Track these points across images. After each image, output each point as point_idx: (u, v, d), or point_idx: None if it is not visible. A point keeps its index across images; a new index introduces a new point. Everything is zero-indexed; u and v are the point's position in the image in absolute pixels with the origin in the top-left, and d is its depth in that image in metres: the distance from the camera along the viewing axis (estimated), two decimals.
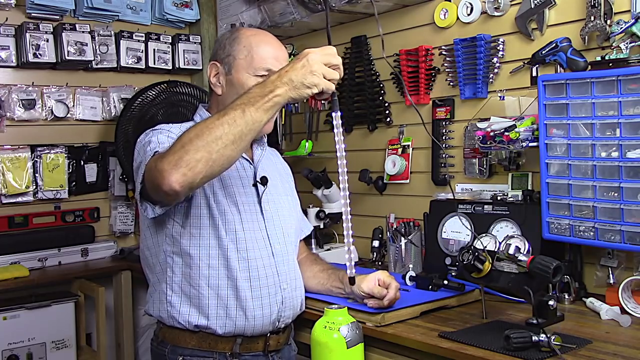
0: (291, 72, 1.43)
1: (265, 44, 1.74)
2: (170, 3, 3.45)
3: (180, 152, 1.38)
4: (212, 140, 1.38)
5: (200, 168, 1.37)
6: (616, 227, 1.82)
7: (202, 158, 1.37)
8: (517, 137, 2.06)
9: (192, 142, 1.38)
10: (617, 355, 1.47)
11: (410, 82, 2.62)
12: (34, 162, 3.06)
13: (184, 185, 1.38)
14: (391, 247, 2.47)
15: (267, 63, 1.70)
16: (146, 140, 1.63)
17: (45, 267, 2.97)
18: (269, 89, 1.42)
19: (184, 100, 3.24)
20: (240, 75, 1.71)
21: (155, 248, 1.71)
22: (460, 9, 2.44)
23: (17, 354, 2.70)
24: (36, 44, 3.00)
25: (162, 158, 1.40)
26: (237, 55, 1.72)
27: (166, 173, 1.37)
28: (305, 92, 1.44)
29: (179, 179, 1.36)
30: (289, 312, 1.75)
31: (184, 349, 1.67)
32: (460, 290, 1.96)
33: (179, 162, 1.36)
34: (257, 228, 1.71)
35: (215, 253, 1.65)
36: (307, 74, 1.43)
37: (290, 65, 1.45)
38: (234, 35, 1.77)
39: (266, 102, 1.42)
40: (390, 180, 2.72)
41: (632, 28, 1.88)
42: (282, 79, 1.43)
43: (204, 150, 1.37)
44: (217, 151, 1.38)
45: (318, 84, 1.44)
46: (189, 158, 1.37)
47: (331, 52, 1.48)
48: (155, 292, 1.73)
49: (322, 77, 1.44)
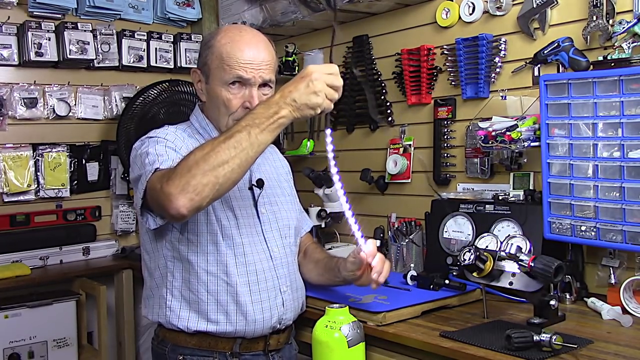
0: (295, 93, 1.43)
1: (237, 51, 1.66)
2: (172, 2, 3.45)
3: (187, 176, 1.38)
4: (218, 165, 1.38)
5: (207, 192, 1.39)
6: (618, 227, 1.82)
7: (209, 183, 1.38)
8: (519, 136, 2.06)
9: (199, 166, 1.38)
10: (619, 356, 1.47)
11: (412, 81, 2.62)
12: (36, 160, 3.06)
13: (191, 209, 1.40)
14: (392, 247, 2.47)
15: (237, 71, 1.64)
16: (143, 150, 1.61)
17: (46, 265, 2.98)
18: (273, 110, 1.42)
19: (185, 99, 3.24)
20: (215, 86, 1.69)
21: (155, 253, 1.70)
22: (462, 8, 2.44)
23: (18, 353, 2.71)
24: (38, 42, 3.00)
25: (169, 180, 1.40)
26: (211, 65, 1.69)
27: (173, 197, 1.38)
28: (309, 113, 1.45)
29: (186, 203, 1.38)
30: (290, 314, 1.75)
31: (184, 349, 1.67)
32: (461, 290, 1.96)
33: (186, 187, 1.38)
34: (254, 232, 1.71)
35: (213, 259, 1.64)
36: (310, 95, 1.43)
37: (294, 85, 1.44)
38: (210, 42, 1.72)
39: (271, 124, 1.42)
40: (391, 180, 2.72)
41: (635, 28, 1.88)
42: (286, 100, 1.43)
43: (211, 174, 1.38)
44: (223, 175, 1.39)
45: (321, 104, 1.44)
46: (196, 183, 1.38)
47: (334, 71, 1.47)
48: (153, 296, 1.72)
49: (324, 97, 1.44)
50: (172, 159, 1.54)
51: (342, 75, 1.84)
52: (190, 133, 1.75)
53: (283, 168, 1.97)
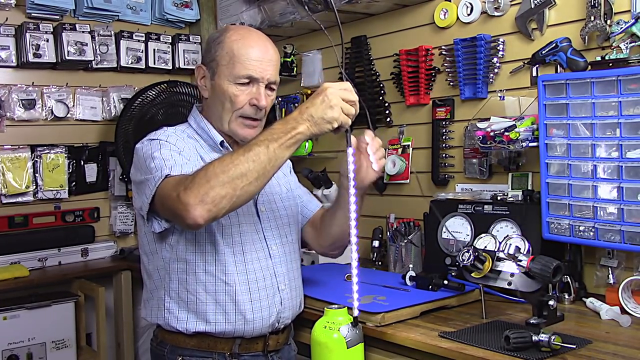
0: (311, 109, 1.46)
1: (248, 48, 1.68)
2: (170, 3, 3.45)
3: (206, 186, 1.40)
4: (237, 177, 1.41)
5: (224, 204, 1.41)
6: (616, 227, 1.82)
7: (227, 195, 1.41)
8: (517, 137, 2.06)
9: (218, 177, 1.40)
10: (617, 355, 1.47)
11: (411, 82, 2.62)
12: (34, 162, 3.06)
13: (208, 219, 1.42)
14: (391, 247, 2.47)
15: (248, 69, 1.67)
16: (147, 153, 1.61)
17: (45, 267, 2.98)
18: (291, 126, 1.45)
19: (184, 100, 3.25)
20: (222, 82, 1.69)
21: (154, 255, 1.70)
22: (460, 9, 2.44)
23: (17, 354, 2.70)
24: (36, 44, 3.00)
25: (186, 190, 1.41)
26: (220, 61, 1.70)
27: (191, 207, 1.40)
28: (326, 127, 1.47)
29: (203, 214, 1.40)
30: (288, 313, 1.75)
31: (183, 349, 1.67)
32: (460, 290, 1.96)
33: (204, 198, 1.40)
34: (254, 230, 1.71)
35: (212, 258, 1.64)
36: (326, 109, 1.45)
37: (310, 102, 1.47)
38: (219, 38, 1.73)
39: (289, 139, 1.45)
40: (390, 181, 2.73)
41: (632, 28, 1.88)
42: (303, 116, 1.46)
43: (229, 186, 1.40)
44: (241, 187, 1.42)
45: (337, 118, 1.46)
46: (215, 194, 1.40)
47: (348, 87, 1.50)
48: (152, 298, 1.73)
49: (340, 111, 1.47)
50: (179, 164, 1.55)
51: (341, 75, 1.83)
52: (190, 134, 1.75)
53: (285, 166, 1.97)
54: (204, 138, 1.74)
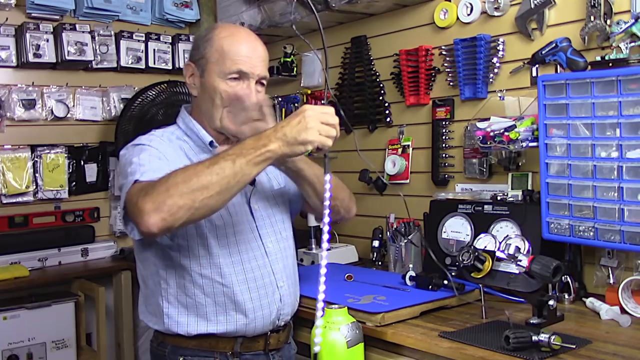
0: (286, 128, 1.42)
1: (238, 44, 1.68)
2: (170, 3, 3.45)
3: (164, 195, 1.36)
4: (197, 189, 1.37)
5: (181, 214, 1.37)
6: (616, 227, 1.82)
7: (185, 205, 1.37)
8: (517, 137, 2.06)
9: (178, 187, 1.37)
10: (617, 355, 1.47)
11: (411, 82, 2.62)
12: (34, 162, 3.06)
13: (162, 229, 1.38)
14: (391, 247, 2.47)
15: (238, 64, 1.66)
16: (127, 158, 1.59)
17: (45, 267, 2.97)
18: (262, 143, 1.41)
19: (183, 100, 3.24)
20: (212, 79, 1.68)
21: (147, 261, 1.69)
22: (460, 9, 2.44)
23: (17, 354, 2.70)
24: (36, 44, 3.00)
25: (145, 196, 1.38)
26: (209, 58, 1.69)
27: (145, 214, 1.36)
28: (299, 149, 1.42)
29: (157, 222, 1.36)
30: (287, 309, 1.75)
31: (184, 349, 1.67)
32: (460, 290, 1.96)
33: (160, 206, 1.36)
34: (248, 229, 1.70)
35: (206, 262, 1.63)
36: (301, 131, 1.41)
37: (287, 121, 1.43)
38: (208, 35, 1.73)
39: (258, 156, 1.40)
40: (390, 180, 2.73)
41: (632, 28, 1.88)
42: (277, 134, 1.41)
43: (188, 197, 1.37)
44: (200, 200, 1.37)
45: (312, 141, 1.41)
46: (172, 203, 1.36)
47: (329, 111, 1.45)
48: (150, 304, 1.72)
49: (317, 133, 1.42)
50: (154, 169, 1.51)
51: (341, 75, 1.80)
52: (179, 136, 1.73)
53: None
54: (193, 139, 1.73)
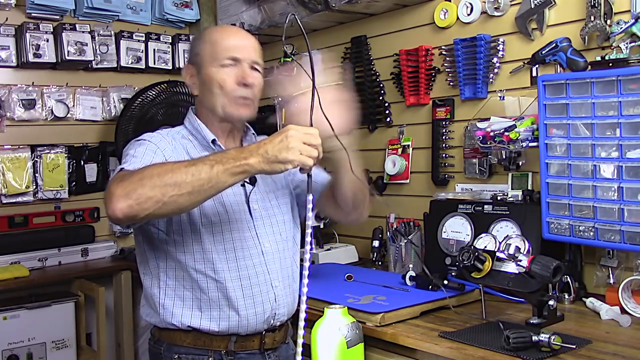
0: (268, 145, 1.43)
1: (228, 34, 1.76)
2: (170, 3, 3.45)
3: (137, 184, 1.40)
4: (169, 185, 1.40)
5: (148, 205, 1.40)
6: (616, 227, 1.82)
7: (154, 197, 1.39)
8: (517, 137, 2.07)
9: (152, 179, 1.40)
10: (617, 355, 1.48)
11: (411, 82, 2.62)
12: (34, 162, 3.06)
13: (127, 215, 1.40)
14: (391, 247, 2.47)
15: (231, 51, 1.71)
16: (126, 151, 1.65)
17: (45, 267, 2.97)
18: (244, 155, 1.43)
19: (183, 100, 3.24)
20: (208, 70, 1.72)
21: (146, 254, 1.72)
22: (460, 9, 2.44)
23: (17, 354, 2.70)
24: (36, 44, 3.00)
25: (120, 182, 1.42)
26: (202, 52, 1.74)
27: (114, 198, 1.39)
28: (278, 167, 1.43)
29: (124, 208, 1.39)
30: (283, 310, 1.75)
31: (179, 347, 1.68)
32: (460, 290, 1.96)
33: (130, 193, 1.39)
34: (246, 228, 1.71)
35: (200, 257, 1.65)
36: (282, 150, 1.41)
37: (270, 138, 1.45)
38: (200, 35, 1.82)
39: (236, 167, 1.42)
40: (390, 180, 2.73)
41: (632, 28, 1.88)
42: (259, 150, 1.43)
43: (158, 190, 1.39)
44: (170, 196, 1.40)
45: (293, 160, 1.42)
46: (142, 193, 1.39)
47: (313, 132, 1.46)
48: (148, 296, 1.74)
49: (298, 153, 1.42)
50: (143, 161, 1.55)
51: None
52: (184, 135, 1.77)
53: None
54: (198, 138, 1.76)
